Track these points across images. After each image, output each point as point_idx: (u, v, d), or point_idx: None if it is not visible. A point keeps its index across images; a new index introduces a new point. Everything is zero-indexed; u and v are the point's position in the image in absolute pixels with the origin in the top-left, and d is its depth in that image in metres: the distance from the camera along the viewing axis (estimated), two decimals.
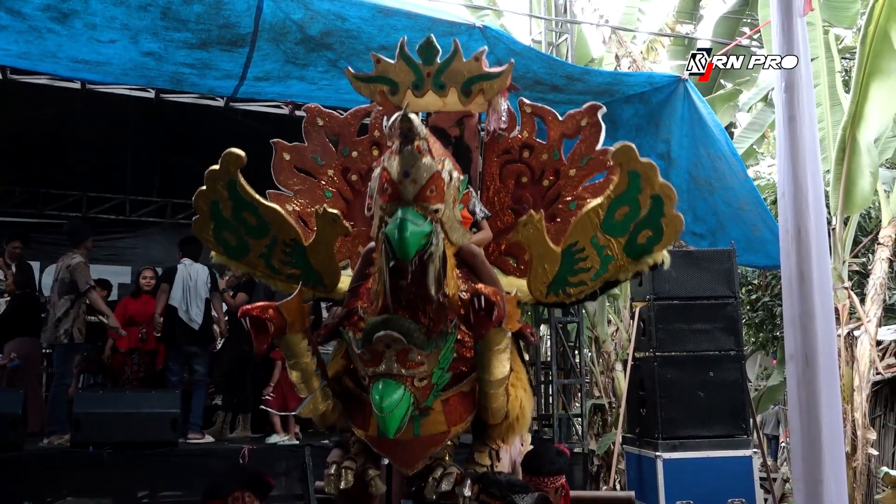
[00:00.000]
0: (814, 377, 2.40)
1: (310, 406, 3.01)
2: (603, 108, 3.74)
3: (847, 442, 6.89)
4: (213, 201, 3.32)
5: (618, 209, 3.27)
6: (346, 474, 3.11)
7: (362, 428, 3.09)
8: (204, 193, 3.33)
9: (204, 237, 3.49)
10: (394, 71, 3.56)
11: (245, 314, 2.80)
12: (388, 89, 3.58)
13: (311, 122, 3.83)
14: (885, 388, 8.97)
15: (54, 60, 5.92)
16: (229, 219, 3.36)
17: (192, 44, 5.64)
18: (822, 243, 2.55)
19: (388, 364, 2.72)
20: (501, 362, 2.91)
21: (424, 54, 3.52)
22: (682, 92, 6.72)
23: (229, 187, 3.26)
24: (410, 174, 2.65)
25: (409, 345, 2.70)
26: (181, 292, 6.70)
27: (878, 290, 7.66)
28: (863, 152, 7.04)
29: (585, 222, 3.28)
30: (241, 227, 3.38)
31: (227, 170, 3.20)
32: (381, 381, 2.71)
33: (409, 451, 3.08)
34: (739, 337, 6.16)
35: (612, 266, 3.42)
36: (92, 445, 5.71)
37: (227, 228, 3.41)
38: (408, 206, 2.67)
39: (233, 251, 3.49)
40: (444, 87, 3.57)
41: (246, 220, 3.35)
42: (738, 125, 10.89)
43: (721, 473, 5.73)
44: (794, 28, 2.61)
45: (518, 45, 6.15)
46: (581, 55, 8.52)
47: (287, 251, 3.40)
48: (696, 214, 7.39)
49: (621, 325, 9.71)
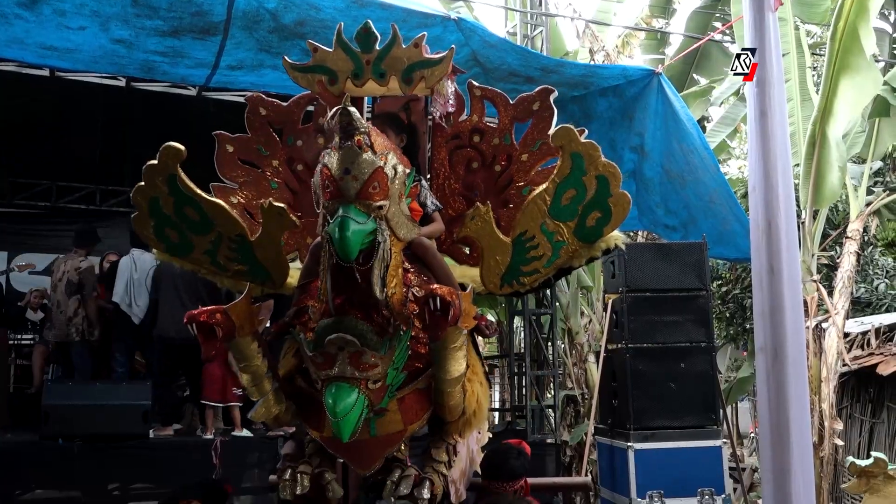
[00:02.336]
0: (782, 369, 2.43)
1: (262, 409, 2.92)
2: (555, 92, 3.65)
3: (814, 432, 7.00)
4: (153, 197, 3.23)
5: (564, 193, 3.26)
6: (303, 479, 3.02)
7: (317, 429, 3.00)
8: (142, 189, 3.23)
9: (144, 234, 3.39)
10: (331, 59, 3.32)
11: (191, 320, 2.69)
12: (327, 79, 3.34)
13: (253, 112, 3.70)
14: (852, 380, 9.14)
15: (22, 47, 5.81)
16: (171, 215, 3.26)
17: (164, 31, 5.57)
18: (791, 237, 2.58)
19: (341, 367, 2.63)
20: (458, 360, 2.85)
21: (362, 41, 3.28)
22: (656, 85, 6.76)
23: (169, 182, 3.17)
24: (351, 171, 2.54)
25: (362, 347, 2.61)
26: (123, 287, 6.68)
27: (845, 283, 7.78)
28: (832, 147, 7.13)
29: (533, 210, 3.27)
30: (184, 223, 3.29)
31: (165, 164, 3.12)
32: (335, 385, 2.63)
33: (366, 452, 3.01)
34: (710, 329, 6.22)
35: (563, 251, 3.42)
36: (61, 438, 5.65)
37: (168, 225, 3.31)
38: (350, 204, 2.55)
39: (176, 248, 3.40)
40: (384, 75, 3.33)
41: (188, 216, 3.26)
42: (711, 119, 10.98)
43: (691, 463, 5.79)
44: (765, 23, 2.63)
45: (493, 38, 6.15)
46: (555, 49, 8.54)
47: (233, 247, 3.32)
48: (669, 207, 7.46)
49: (594, 317, 9.78)
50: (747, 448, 12.78)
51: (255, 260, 3.31)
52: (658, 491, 5.70)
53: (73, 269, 6.74)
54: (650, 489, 5.70)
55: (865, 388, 9.19)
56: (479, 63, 6.26)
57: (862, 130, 8.35)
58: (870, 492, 4.71)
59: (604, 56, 10.32)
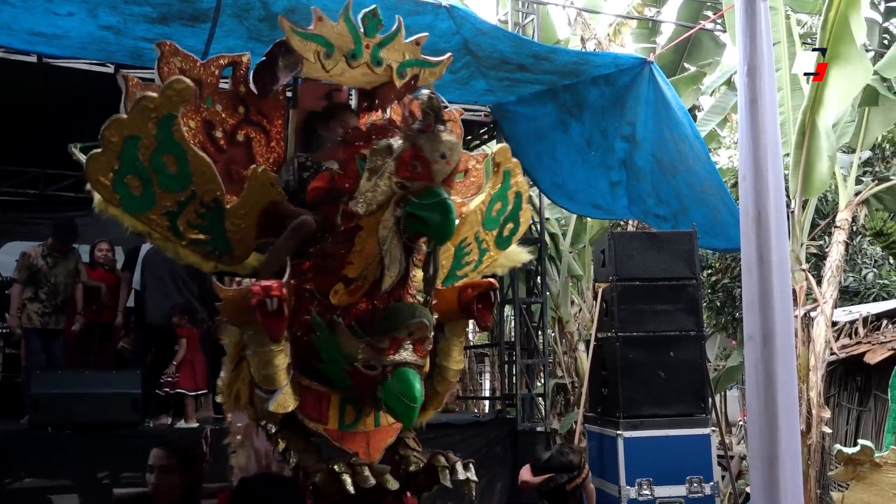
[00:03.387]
0: (771, 357, 2.44)
1: (283, 400, 2.78)
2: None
3: (802, 420, 7.05)
4: (131, 137, 2.80)
5: (494, 204, 3.54)
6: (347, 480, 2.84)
7: (318, 421, 2.95)
8: (121, 124, 2.79)
9: (98, 180, 2.83)
10: (333, 33, 3.19)
11: (270, 294, 2.61)
12: (324, 52, 3.19)
13: (166, 62, 3.22)
14: (840, 368, 9.19)
15: (9, 33, 5.76)
16: (144, 161, 2.84)
17: (153, 18, 5.53)
18: (781, 226, 2.58)
19: (407, 353, 2.68)
20: (461, 351, 3.00)
21: (369, 24, 3.25)
22: (648, 74, 6.76)
23: (162, 123, 2.81)
24: (447, 156, 2.58)
25: (428, 333, 2.70)
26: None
27: (834, 273, 7.81)
28: (822, 137, 7.15)
29: (473, 219, 3.48)
30: (156, 174, 2.88)
31: (168, 102, 2.80)
32: (406, 371, 2.67)
33: (371, 443, 3.02)
34: (700, 318, 6.25)
35: (486, 258, 3.63)
36: (51, 426, 5.63)
37: (134, 173, 2.85)
38: (440, 187, 2.60)
39: (132, 203, 2.90)
40: (381, 63, 3.29)
41: (166, 167, 2.88)
42: (702, 108, 10.98)
43: (680, 451, 5.83)
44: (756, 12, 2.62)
45: (485, 25, 6.13)
46: (547, 37, 8.52)
47: (201, 212, 2.99)
48: (660, 197, 7.46)
49: (584, 306, 9.82)
50: (736, 436, 12.86)
51: (221, 230, 3.03)
52: (647, 479, 5.74)
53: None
54: (639, 477, 5.74)
55: (853, 376, 9.25)
56: (470, 51, 6.24)
57: (851, 120, 8.37)
58: (856, 479, 4.77)
59: (595, 44, 10.30)
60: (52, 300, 6.69)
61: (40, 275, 6.69)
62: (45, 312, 6.64)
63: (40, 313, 6.63)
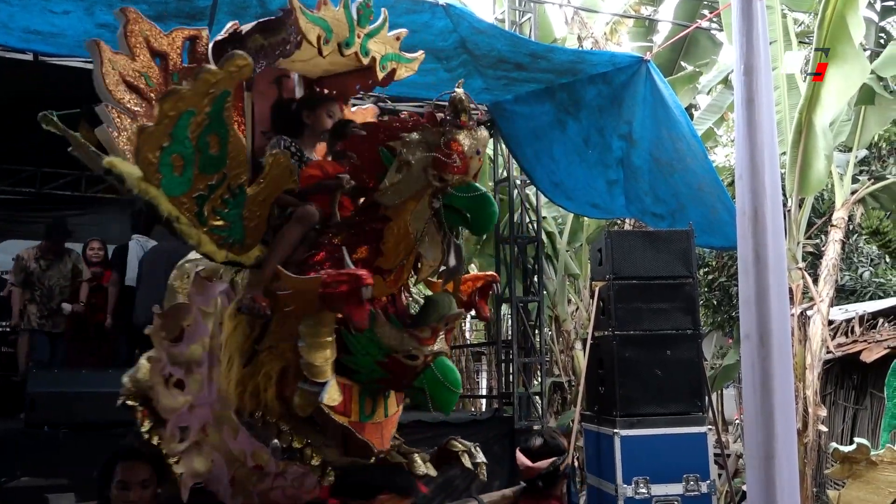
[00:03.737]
0: (768, 356, 2.44)
1: (331, 393, 2.75)
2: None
3: (799, 419, 7.07)
4: (188, 111, 2.63)
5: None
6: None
7: (344, 414, 2.93)
8: (181, 97, 2.60)
9: (146, 157, 2.61)
10: (334, 19, 3.12)
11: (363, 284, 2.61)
12: (324, 36, 3.09)
13: (131, 30, 3.05)
14: (836, 367, 9.21)
15: (6, 31, 5.75)
16: (191, 140, 2.68)
17: (149, 16, 5.42)
18: (777, 225, 2.58)
19: (441, 342, 2.78)
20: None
21: (363, 15, 3.22)
22: (645, 73, 6.76)
23: (217, 100, 2.68)
24: (480, 153, 2.75)
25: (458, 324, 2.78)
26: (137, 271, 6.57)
27: (830, 271, 7.83)
28: (818, 135, 7.16)
29: None
30: (199, 154, 2.73)
31: (230, 78, 2.67)
32: (443, 359, 2.78)
33: (384, 433, 3.06)
34: (696, 316, 6.25)
35: None
36: (47, 425, 5.62)
37: (180, 151, 2.67)
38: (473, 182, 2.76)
39: (171, 184, 2.71)
40: (367, 53, 3.27)
41: (208, 147, 2.75)
42: (698, 107, 10.99)
43: (677, 450, 5.83)
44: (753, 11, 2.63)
45: (482, 24, 6.12)
46: (544, 35, 8.52)
47: (226, 197, 2.87)
48: (657, 196, 7.47)
49: (581, 305, 9.84)
50: (732, 434, 12.88)
51: (239, 217, 2.92)
52: (644, 477, 5.74)
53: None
54: (636, 475, 5.74)
55: (849, 375, 9.27)
56: (467, 50, 6.24)
57: (848, 119, 8.39)
58: (853, 477, 4.77)
59: (592, 43, 10.31)
60: (48, 303, 6.69)
61: (33, 277, 6.69)
62: (43, 315, 6.65)
63: (38, 315, 6.64)
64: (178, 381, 3.22)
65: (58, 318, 6.73)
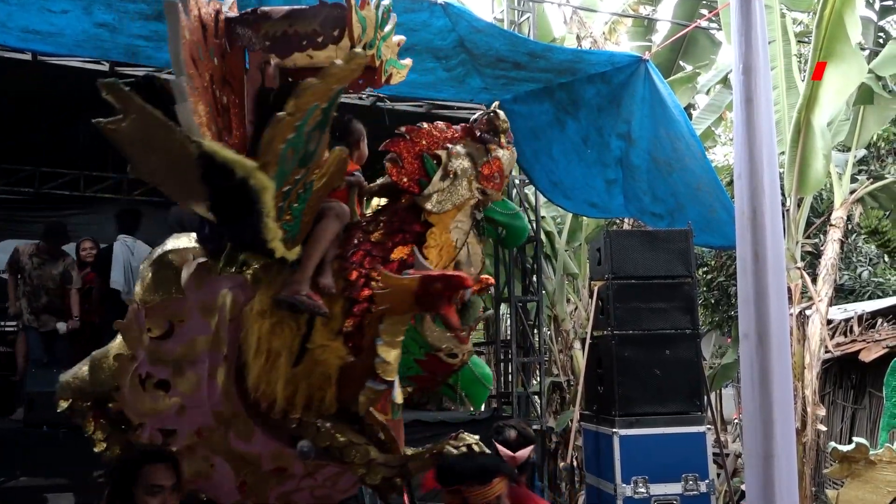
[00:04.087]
0: (766, 355, 2.44)
1: (399, 391, 2.89)
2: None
3: (798, 418, 7.07)
4: (314, 106, 2.63)
5: None
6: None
7: (383, 412, 2.97)
8: (315, 91, 2.59)
9: (277, 148, 2.58)
10: (369, 19, 2.98)
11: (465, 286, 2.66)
12: (359, 35, 2.92)
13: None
14: (835, 366, 9.24)
15: (4, 30, 5.74)
16: (306, 133, 2.66)
17: (148, 15, 5.51)
18: (776, 224, 2.59)
19: (470, 343, 2.92)
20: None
21: (384, 19, 3.10)
22: (643, 72, 6.76)
23: (334, 97, 2.69)
24: (511, 174, 2.91)
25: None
26: (121, 273, 6.48)
27: (829, 271, 7.84)
28: (817, 135, 7.16)
29: None
30: (303, 148, 2.71)
31: (350, 74, 2.66)
32: (475, 357, 2.90)
33: (400, 433, 3.13)
34: (695, 316, 6.25)
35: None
36: (46, 425, 5.62)
37: (294, 145, 2.64)
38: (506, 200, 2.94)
39: (279, 176, 2.66)
40: (380, 57, 3.15)
41: (311, 141, 2.72)
42: (697, 106, 11.00)
43: (676, 449, 5.83)
44: (752, 11, 2.63)
45: (480, 23, 6.12)
46: (543, 35, 8.52)
47: (300, 192, 2.81)
48: (656, 195, 7.47)
49: (580, 304, 9.83)
50: (731, 434, 12.89)
51: (301, 212, 2.83)
52: (643, 476, 5.74)
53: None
54: (635, 475, 5.74)
55: (848, 374, 9.29)
56: (465, 49, 6.24)
57: (846, 118, 8.39)
58: (851, 476, 4.79)
59: (591, 42, 10.30)
60: (35, 301, 6.70)
61: (24, 272, 6.71)
62: (32, 311, 6.67)
63: (28, 311, 6.67)
64: (161, 382, 3.03)
65: (43, 317, 6.76)
